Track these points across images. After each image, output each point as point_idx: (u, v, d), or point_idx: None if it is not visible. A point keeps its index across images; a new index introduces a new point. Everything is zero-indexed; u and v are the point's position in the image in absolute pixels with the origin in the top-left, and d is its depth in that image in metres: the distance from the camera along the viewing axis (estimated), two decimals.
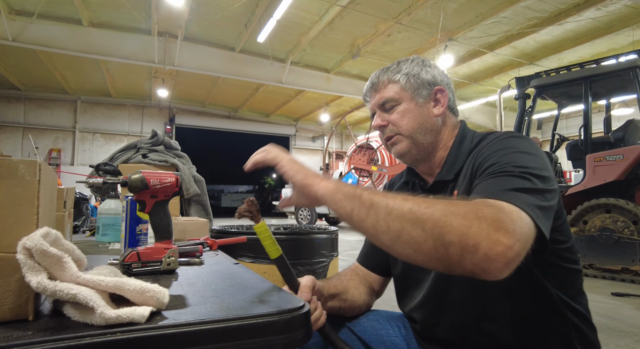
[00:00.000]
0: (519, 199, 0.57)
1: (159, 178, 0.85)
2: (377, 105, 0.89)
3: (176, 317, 0.49)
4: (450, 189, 0.83)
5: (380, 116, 0.89)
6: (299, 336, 0.53)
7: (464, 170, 0.80)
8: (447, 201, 0.55)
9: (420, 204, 0.55)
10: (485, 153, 0.74)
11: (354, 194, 0.61)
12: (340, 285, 0.91)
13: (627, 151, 3.94)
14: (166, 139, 2.04)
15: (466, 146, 0.85)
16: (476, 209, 0.53)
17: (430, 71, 0.88)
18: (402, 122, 0.85)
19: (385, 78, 0.88)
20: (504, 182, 0.63)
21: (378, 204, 0.57)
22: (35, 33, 7.94)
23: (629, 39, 8.01)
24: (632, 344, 2.18)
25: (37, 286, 0.43)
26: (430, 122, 0.86)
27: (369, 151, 8.87)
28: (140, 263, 0.80)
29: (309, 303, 0.74)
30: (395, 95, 0.86)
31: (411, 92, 0.86)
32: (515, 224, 0.52)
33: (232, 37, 9.18)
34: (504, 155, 0.69)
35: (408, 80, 0.86)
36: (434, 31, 7.98)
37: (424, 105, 0.86)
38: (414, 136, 0.85)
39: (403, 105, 0.85)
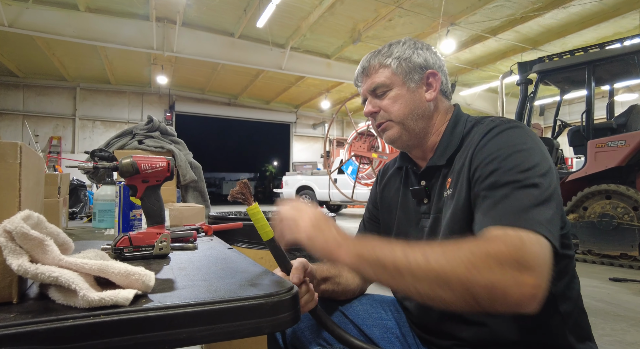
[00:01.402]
0: (534, 221, 0.58)
1: (150, 163, 0.85)
2: (368, 91, 0.87)
3: (162, 300, 0.49)
4: (443, 176, 0.81)
5: (372, 102, 0.87)
6: (286, 318, 0.53)
7: (459, 156, 0.79)
8: (466, 246, 0.56)
9: (441, 258, 0.55)
10: (484, 152, 0.71)
11: (377, 261, 0.60)
12: (334, 268, 0.90)
13: (629, 137, 3.91)
14: (162, 125, 2.03)
15: (459, 130, 0.83)
16: (496, 252, 0.54)
17: (422, 54, 0.85)
18: (393, 108, 0.83)
19: (376, 62, 0.85)
20: (514, 200, 0.62)
21: (401, 268, 0.58)
22: (32, 18, 7.83)
23: (635, 23, 7.86)
24: (627, 327, 2.20)
25: (18, 269, 0.43)
26: (422, 107, 0.84)
27: (370, 138, 8.83)
28: (132, 248, 0.80)
29: (300, 285, 0.75)
30: (386, 80, 0.84)
31: (403, 76, 0.83)
32: (537, 259, 0.54)
33: (231, 23, 9.05)
34: (505, 158, 0.67)
35: (399, 65, 0.83)
36: (435, 16, 7.84)
37: (415, 90, 0.84)
38: (405, 122, 0.83)
39: (394, 90, 0.83)
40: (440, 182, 0.82)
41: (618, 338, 2.05)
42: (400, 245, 0.61)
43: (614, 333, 2.12)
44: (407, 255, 0.58)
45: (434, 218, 0.81)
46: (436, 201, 0.82)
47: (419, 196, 0.86)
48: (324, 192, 10.30)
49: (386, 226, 0.96)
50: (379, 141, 8.72)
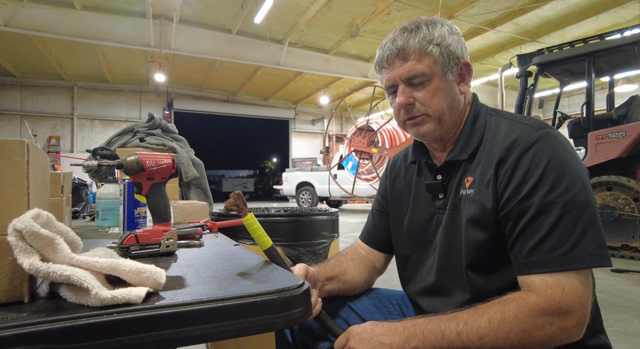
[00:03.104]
0: (580, 257, 0.61)
1: (154, 160, 0.84)
2: (403, 78, 0.76)
3: (174, 297, 0.49)
4: (462, 171, 0.78)
5: (406, 92, 0.77)
6: (298, 313, 0.53)
7: (480, 154, 0.75)
8: (511, 313, 0.61)
9: (492, 334, 0.61)
10: (518, 169, 0.67)
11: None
12: (339, 266, 0.90)
13: (629, 128, 3.90)
14: (163, 123, 2.02)
15: (480, 123, 0.79)
16: (539, 310, 0.60)
17: (458, 41, 0.77)
18: (432, 102, 0.76)
19: (416, 45, 0.74)
20: (558, 235, 0.62)
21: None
22: (27, 18, 7.78)
23: (634, 13, 7.83)
24: (630, 318, 2.21)
25: (30, 268, 0.42)
26: (457, 101, 0.78)
27: (369, 133, 8.81)
28: (139, 246, 0.79)
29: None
30: (427, 69, 0.74)
31: (443, 67, 0.75)
32: (578, 301, 0.60)
33: (228, 19, 8.99)
34: (542, 177, 0.65)
35: (441, 53, 0.74)
36: (434, 9, 7.80)
37: (452, 82, 0.77)
38: (442, 117, 0.77)
39: (434, 82, 0.75)
40: (459, 178, 0.78)
41: (621, 328, 2.06)
42: (448, 325, 0.64)
43: (617, 323, 2.13)
44: (460, 337, 0.62)
45: (450, 215, 0.79)
46: (452, 197, 0.79)
47: (435, 191, 0.83)
48: (324, 188, 10.30)
49: (396, 220, 0.93)
50: (379, 136, 8.71)
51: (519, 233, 0.66)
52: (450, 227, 0.78)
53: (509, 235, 0.68)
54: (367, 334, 0.68)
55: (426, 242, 0.84)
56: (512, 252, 0.67)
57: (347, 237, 5.23)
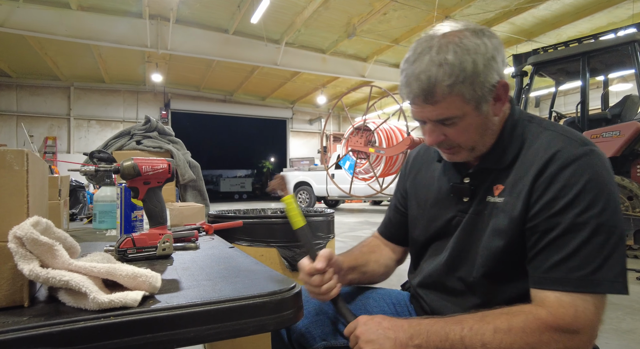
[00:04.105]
0: (600, 282, 0.61)
1: (151, 165, 0.86)
2: (431, 119, 0.72)
3: (169, 300, 0.51)
4: (493, 178, 0.75)
5: (435, 131, 0.73)
6: (290, 315, 0.55)
7: (518, 164, 0.72)
8: (519, 325, 0.61)
9: (496, 345, 0.61)
10: (553, 185, 0.66)
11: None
12: (362, 258, 0.93)
13: (623, 127, 3.93)
14: (160, 125, 2.03)
15: (519, 131, 0.75)
16: (548, 327, 0.60)
17: (494, 65, 0.68)
18: (463, 138, 0.72)
19: (445, 88, 0.66)
20: (581, 257, 0.62)
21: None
22: (23, 18, 7.75)
23: (628, 12, 7.88)
24: (623, 315, 2.24)
25: (30, 274, 0.44)
26: (491, 125, 0.73)
27: (366, 132, 8.83)
28: (136, 249, 0.81)
29: (324, 273, 0.78)
30: (458, 112, 0.69)
31: (475, 103, 0.68)
32: (589, 322, 0.61)
33: (225, 19, 8.99)
34: (577, 196, 0.64)
35: (474, 91, 0.67)
36: (430, 9, 7.82)
37: (487, 111, 0.71)
38: (475, 147, 0.74)
39: (466, 119, 0.70)
40: (488, 184, 0.76)
41: (614, 326, 2.09)
42: (453, 328, 0.64)
43: (609, 321, 2.16)
44: (463, 341, 0.62)
45: (471, 219, 0.77)
46: (477, 203, 0.77)
47: (461, 194, 0.80)
48: (321, 187, 10.32)
49: (414, 217, 0.92)
50: (376, 136, 8.73)
51: (544, 247, 0.65)
52: (469, 231, 0.77)
53: (531, 247, 0.68)
54: (374, 326, 0.70)
55: (441, 241, 0.85)
56: (532, 265, 0.67)
57: (345, 237, 5.25)
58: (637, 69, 3.96)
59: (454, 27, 0.70)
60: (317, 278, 0.77)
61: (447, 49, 0.66)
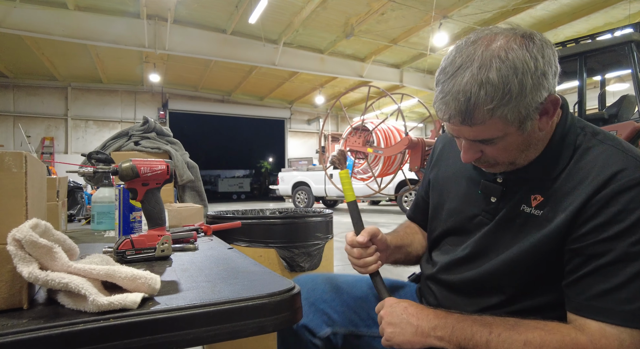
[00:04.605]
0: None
1: (149, 166, 0.86)
2: (469, 138, 0.67)
3: (168, 302, 0.51)
4: (531, 185, 0.69)
5: (472, 149, 0.68)
6: (289, 316, 0.55)
7: (564, 176, 0.66)
8: (553, 346, 0.58)
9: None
10: (607, 209, 0.60)
11: (463, 348, 0.63)
12: (407, 238, 0.94)
13: (620, 127, 3.96)
14: (158, 126, 2.03)
15: (570, 140, 0.68)
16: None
17: (545, 82, 0.60)
18: (502, 156, 0.67)
19: (485, 112, 0.59)
20: (630, 289, 0.57)
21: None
22: (20, 18, 7.73)
23: (625, 13, 7.91)
24: None
25: (29, 276, 0.44)
26: (534, 141, 0.67)
27: (365, 132, 8.84)
28: (134, 250, 0.81)
29: (365, 247, 0.81)
30: (498, 133, 0.63)
31: (519, 123, 0.62)
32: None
33: (222, 19, 8.98)
34: (633, 225, 0.58)
35: (518, 113, 0.60)
36: (428, 9, 7.83)
37: (531, 127, 0.64)
38: (515, 162, 0.69)
39: (507, 139, 0.64)
40: (525, 191, 0.70)
41: None
42: (480, 330, 0.62)
43: None
44: (489, 346, 0.61)
45: (499, 226, 0.72)
46: (509, 210, 0.71)
47: (489, 193, 0.74)
48: (320, 187, 10.32)
49: (435, 207, 0.88)
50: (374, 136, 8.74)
51: (589, 273, 0.60)
52: (495, 237, 0.73)
53: (573, 270, 0.63)
54: (399, 310, 0.70)
55: (460, 237, 0.81)
56: (572, 289, 0.63)
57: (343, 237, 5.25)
58: (634, 69, 3.98)
59: (499, 33, 0.62)
60: (358, 251, 0.80)
61: (490, 65, 0.58)
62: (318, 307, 0.89)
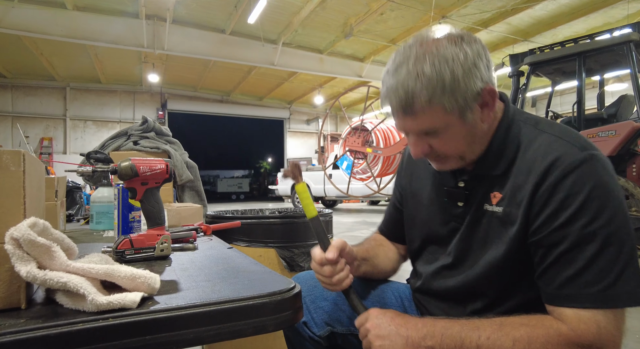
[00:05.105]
0: (617, 296, 0.58)
1: (148, 165, 0.85)
2: (413, 131, 0.70)
3: (168, 301, 0.50)
4: (489, 184, 0.72)
5: (419, 143, 0.71)
6: (289, 316, 0.55)
7: (512, 169, 0.69)
8: (539, 340, 0.58)
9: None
10: (556, 194, 0.62)
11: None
12: (372, 250, 0.92)
13: (619, 127, 3.95)
14: (157, 125, 2.02)
15: (514, 134, 0.71)
16: (569, 345, 0.58)
17: (477, 71, 0.64)
18: (448, 148, 0.70)
19: (424, 100, 0.63)
20: (595, 270, 0.59)
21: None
22: (18, 18, 7.71)
23: (624, 13, 7.93)
24: None
25: (27, 276, 0.44)
26: (479, 133, 0.70)
27: (364, 132, 8.84)
28: (134, 250, 0.81)
29: (336, 263, 0.76)
30: (439, 123, 0.66)
31: (459, 112, 0.65)
32: (611, 339, 0.58)
33: (222, 19, 8.97)
34: (582, 206, 0.60)
35: (455, 101, 0.64)
36: (427, 9, 7.84)
37: (473, 119, 0.67)
38: (463, 155, 0.71)
39: (450, 130, 0.67)
40: (484, 191, 0.73)
41: None
42: (469, 335, 0.62)
43: None
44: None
45: (470, 229, 0.75)
46: (474, 210, 0.74)
47: (455, 198, 0.78)
48: (319, 187, 10.32)
49: (410, 214, 0.91)
50: (373, 136, 8.74)
51: (553, 262, 0.62)
52: (468, 241, 0.76)
53: (539, 262, 0.65)
54: (386, 321, 0.69)
55: (439, 246, 0.83)
56: (542, 281, 0.65)
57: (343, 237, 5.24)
58: (633, 69, 3.99)
59: (432, 35, 0.67)
60: (328, 269, 0.75)
61: (424, 60, 0.63)
62: (318, 305, 0.88)
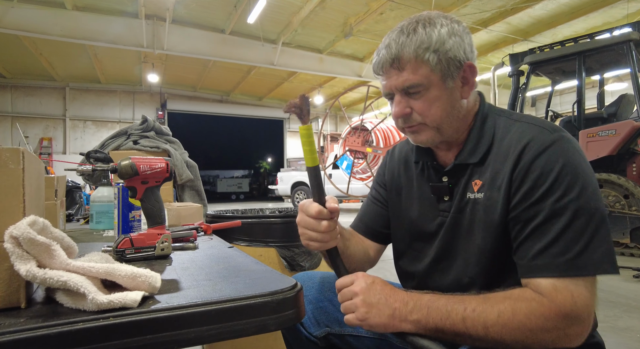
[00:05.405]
0: (588, 264, 0.61)
1: (149, 164, 0.85)
2: (398, 88, 0.73)
3: (169, 301, 0.50)
4: (470, 174, 0.76)
5: (402, 103, 0.74)
6: (291, 315, 0.54)
7: (490, 156, 0.73)
8: (522, 311, 0.60)
9: (499, 327, 0.61)
10: (530, 173, 0.67)
11: (435, 328, 0.64)
12: (347, 232, 0.89)
13: (619, 126, 3.96)
14: (157, 125, 2.02)
15: (489, 125, 0.76)
16: (548, 314, 0.60)
17: (460, 43, 0.71)
18: (429, 111, 0.73)
19: (412, 53, 0.70)
20: (567, 240, 0.62)
21: (461, 334, 0.63)
22: (17, 18, 7.70)
23: (623, 12, 7.93)
24: (620, 313, 2.25)
25: (27, 275, 0.43)
26: (457, 107, 0.74)
27: (364, 132, 8.84)
28: (134, 249, 0.80)
29: (333, 216, 0.72)
30: (423, 79, 0.71)
31: (441, 74, 0.71)
32: (585, 308, 0.60)
33: (221, 19, 8.97)
34: (554, 182, 0.64)
35: (439, 60, 0.70)
36: (427, 8, 7.82)
37: (453, 88, 0.73)
38: (440, 126, 0.74)
39: (431, 91, 0.72)
40: (466, 180, 0.76)
41: (611, 324, 2.10)
42: (455, 307, 0.63)
43: (607, 319, 2.16)
44: (465, 322, 0.62)
45: (455, 218, 0.77)
46: (458, 201, 0.77)
47: (441, 193, 0.80)
48: None
49: (396, 213, 0.91)
50: (373, 136, 8.74)
51: (527, 236, 0.66)
52: (454, 231, 0.77)
53: (515, 237, 0.68)
54: (376, 288, 0.68)
55: (425, 242, 0.83)
56: (517, 255, 0.67)
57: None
58: (633, 68, 3.99)
59: (427, 13, 0.75)
60: (327, 223, 0.70)
61: (416, 24, 0.72)
62: (317, 305, 0.88)
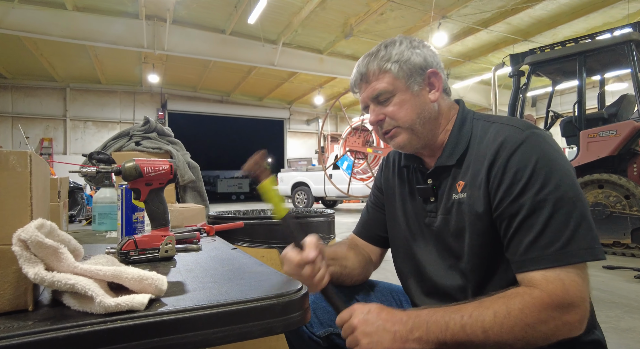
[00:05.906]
0: (575, 252, 0.63)
1: (152, 166, 0.85)
2: (369, 98, 0.83)
3: (175, 303, 0.50)
4: (453, 176, 0.80)
5: (375, 110, 0.82)
6: (297, 317, 0.54)
7: (470, 159, 0.78)
8: (516, 307, 0.62)
9: (497, 328, 0.62)
10: (507, 170, 0.70)
11: (437, 341, 0.64)
12: (341, 251, 0.92)
13: (620, 126, 3.95)
14: (159, 126, 2.02)
15: (467, 129, 0.81)
16: (542, 305, 0.61)
17: (420, 53, 0.81)
18: (399, 114, 0.80)
19: (375, 67, 0.80)
20: (553, 231, 0.64)
21: (463, 342, 0.63)
22: (18, 18, 7.70)
23: (624, 12, 7.93)
24: (622, 314, 2.25)
25: (35, 277, 0.43)
26: (428, 109, 0.81)
27: (364, 132, 8.84)
28: (138, 251, 0.80)
29: (315, 261, 0.72)
30: (388, 86, 0.79)
31: (405, 80, 0.79)
32: (578, 294, 0.62)
33: (221, 19, 8.97)
34: (532, 176, 0.67)
35: (400, 68, 0.79)
36: (427, 9, 7.84)
37: (419, 92, 0.80)
38: (413, 127, 0.80)
39: (398, 96, 0.80)
40: (450, 182, 0.81)
41: (613, 324, 2.09)
42: (452, 317, 0.64)
43: (608, 319, 2.16)
44: (465, 330, 0.63)
45: (443, 219, 0.81)
46: (445, 202, 0.81)
47: (426, 195, 0.85)
48: (319, 188, 10.31)
49: (391, 216, 0.95)
50: (374, 136, 8.74)
51: (514, 232, 0.68)
52: (445, 231, 0.80)
53: (504, 235, 0.70)
54: (372, 317, 0.68)
55: (418, 242, 0.87)
56: (509, 251, 0.69)
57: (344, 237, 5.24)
58: (633, 69, 3.98)
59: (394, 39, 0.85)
60: (309, 269, 0.72)
61: (379, 46, 0.83)
62: (319, 305, 0.88)
